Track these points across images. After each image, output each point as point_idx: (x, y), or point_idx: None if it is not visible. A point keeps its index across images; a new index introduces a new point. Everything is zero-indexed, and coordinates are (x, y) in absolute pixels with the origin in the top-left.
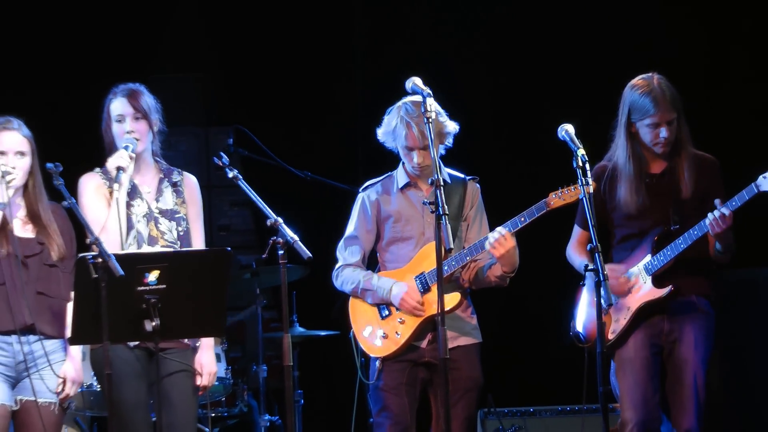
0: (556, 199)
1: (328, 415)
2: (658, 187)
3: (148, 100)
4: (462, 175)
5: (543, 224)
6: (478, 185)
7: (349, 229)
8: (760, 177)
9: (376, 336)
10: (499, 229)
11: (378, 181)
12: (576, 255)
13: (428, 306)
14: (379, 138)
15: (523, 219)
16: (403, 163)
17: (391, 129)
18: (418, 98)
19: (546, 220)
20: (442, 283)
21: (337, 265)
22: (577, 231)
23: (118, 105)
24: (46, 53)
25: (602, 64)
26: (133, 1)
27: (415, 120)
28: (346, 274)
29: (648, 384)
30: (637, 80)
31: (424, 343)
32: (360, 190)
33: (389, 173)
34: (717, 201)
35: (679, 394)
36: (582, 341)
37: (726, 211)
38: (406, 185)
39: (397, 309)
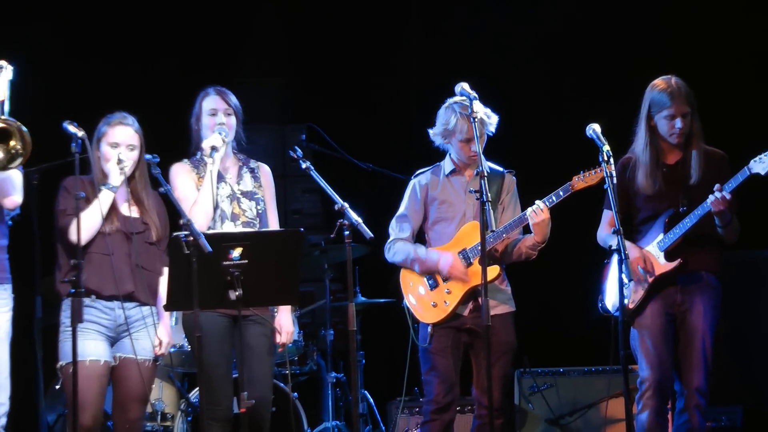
0: (580, 181)
1: (386, 373)
2: (672, 175)
3: (235, 100)
4: (501, 168)
5: (575, 207)
6: (514, 177)
7: (401, 208)
8: (752, 161)
9: (426, 305)
10: (537, 202)
11: (428, 170)
12: (604, 234)
13: (471, 277)
14: (432, 136)
15: (551, 200)
16: (450, 155)
17: (450, 125)
18: (465, 99)
19: (578, 205)
20: (486, 258)
21: (389, 239)
22: (606, 214)
23: (211, 101)
24: (149, 61)
25: (627, 71)
26: (221, 15)
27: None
28: (398, 246)
29: (663, 347)
30: (656, 80)
31: (466, 312)
32: (412, 176)
33: (437, 164)
34: (716, 186)
35: (689, 357)
36: (607, 311)
37: (724, 192)
38: (452, 172)
39: (444, 279)
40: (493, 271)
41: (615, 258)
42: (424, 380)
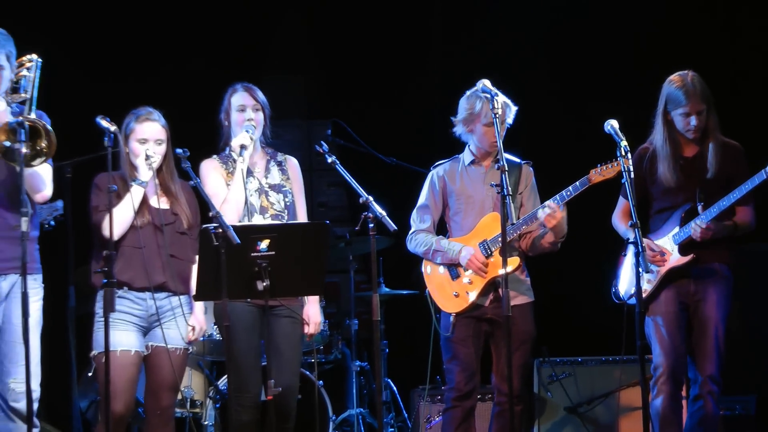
0: (597, 175)
1: (409, 362)
2: (690, 168)
3: (262, 96)
4: (518, 160)
5: (591, 200)
6: (531, 168)
7: (421, 200)
8: None
9: (448, 295)
10: (548, 203)
11: (446, 161)
12: (620, 222)
13: (491, 268)
14: (455, 126)
15: (569, 192)
16: (469, 146)
17: (476, 109)
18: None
19: (594, 197)
20: (507, 251)
21: (411, 231)
22: (621, 202)
23: (239, 97)
24: (180, 59)
25: (644, 68)
26: (249, 15)
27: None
28: (420, 238)
29: (676, 336)
30: (673, 76)
31: (487, 302)
32: (431, 168)
33: (456, 156)
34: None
35: (703, 346)
36: (620, 298)
37: (703, 224)
38: (471, 162)
39: (465, 270)
40: (514, 262)
41: (631, 249)
42: (445, 368)
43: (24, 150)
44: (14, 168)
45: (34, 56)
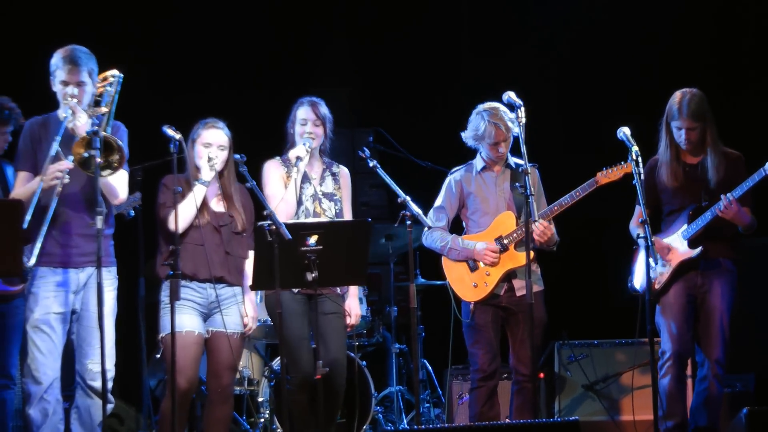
0: (603, 177)
1: (443, 345)
2: (694, 174)
3: (326, 111)
4: (523, 163)
5: (610, 203)
6: (537, 170)
7: (438, 201)
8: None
9: (468, 285)
10: (537, 223)
11: (461, 168)
12: (634, 227)
13: (507, 260)
14: (464, 139)
15: (578, 193)
16: (480, 153)
17: (480, 131)
18: (493, 104)
19: (612, 199)
20: (529, 245)
21: (426, 228)
22: (637, 209)
23: (303, 111)
24: (240, 76)
25: (655, 79)
26: (301, 36)
27: (499, 121)
28: (436, 234)
29: (683, 323)
30: (677, 92)
31: (502, 291)
32: (449, 173)
33: (470, 162)
34: (722, 196)
35: (709, 332)
36: (635, 290)
37: (731, 197)
38: (483, 168)
39: (481, 263)
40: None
41: (642, 244)
42: (470, 352)
43: (98, 159)
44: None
45: (116, 72)
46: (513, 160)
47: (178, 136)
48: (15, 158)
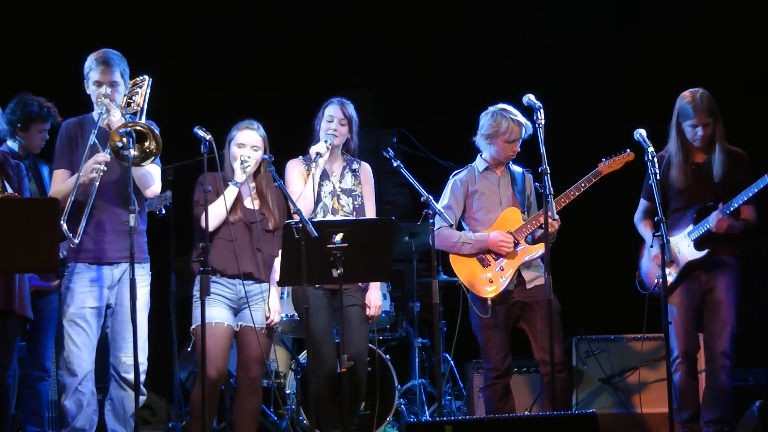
0: (605, 166)
1: (463, 339)
2: (700, 172)
3: (352, 112)
4: (522, 169)
5: (620, 200)
6: (531, 175)
7: (444, 201)
8: None
9: (484, 281)
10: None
11: (463, 170)
12: (640, 222)
13: (520, 254)
14: (478, 136)
15: (584, 184)
16: (481, 155)
17: (503, 128)
18: (508, 105)
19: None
20: (548, 243)
21: (435, 227)
22: (642, 203)
23: (331, 109)
24: (271, 78)
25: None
26: (328, 40)
27: (518, 119)
28: (445, 232)
29: (689, 323)
30: (685, 92)
31: (513, 286)
32: (451, 176)
33: (469, 164)
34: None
35: (716, 326)
36: (647, 290)
37: (723, 213)
38: (486, 169)
39: (495, 255)
40: (540, 247)
41: (657, 243)
42: (483, 351)
43: (134, 153)
44: (125, 168)
45: (146, 76)
46: (514, 168)
47: (208, 136)
48: (52, 158)
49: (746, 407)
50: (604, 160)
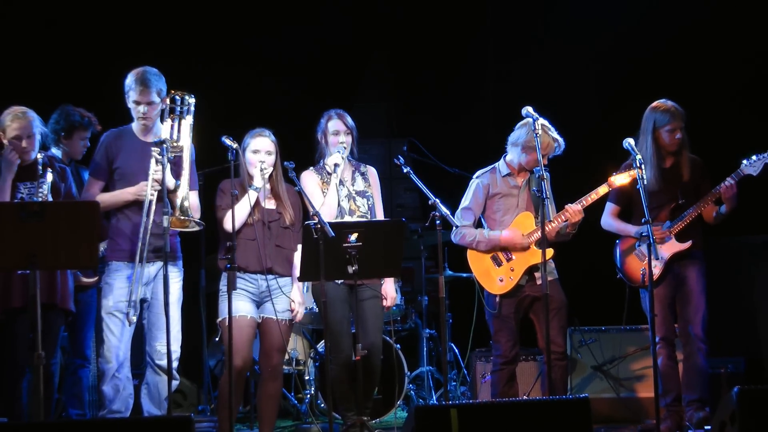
0: (614, 182)
1: (468, 330)
2: (669, 175)
3: (351, 121)
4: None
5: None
6: (548, 174)
7: (465, 202)
8: (743, 164)
9: (495, 279)
10: (573, 206)
11: (486, 171)
12: (612, 221)
13: (529, 257)
14: (510, 142)
15: (592, 196)
16: (505, 158)
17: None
18: (544, 122)
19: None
20: (545, 243)
21: (455, 227)
22: (609, 205)
23: (334, 123)
24: (293, 93)
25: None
26: (344, 57)
27: (553, 135)
28: (464, 231)
29: (666, 311)
30: (657, 103)
31: (525, 282)
32: (474, 176)
33: (493, 165)
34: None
35: (689, 312)
36: (633, 284)
37: (731, 181)
38: (507, 174)
39: (507, 255)
40: (549, 252)
41: (644, 242)
42: (494, 339)
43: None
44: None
45: (189, 99)
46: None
47: (234, 145)
48: (90, 163)
49: (726, 393)
50: (615, 173)
